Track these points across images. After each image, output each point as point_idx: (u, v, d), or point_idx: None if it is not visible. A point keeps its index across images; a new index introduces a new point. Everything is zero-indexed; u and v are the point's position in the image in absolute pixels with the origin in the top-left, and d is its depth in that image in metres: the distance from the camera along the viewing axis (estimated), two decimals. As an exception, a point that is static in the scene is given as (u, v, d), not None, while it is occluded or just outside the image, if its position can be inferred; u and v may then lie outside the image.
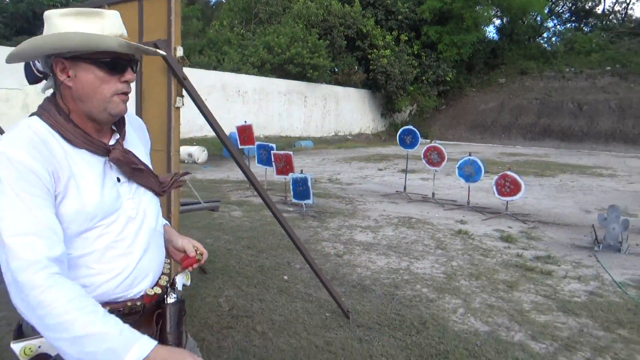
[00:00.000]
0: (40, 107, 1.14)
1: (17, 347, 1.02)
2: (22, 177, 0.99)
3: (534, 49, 31.72)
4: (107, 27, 1.09)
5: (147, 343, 0.98)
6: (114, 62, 1.10)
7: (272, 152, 7.55)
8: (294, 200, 6.82)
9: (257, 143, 8.14)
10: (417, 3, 25.67)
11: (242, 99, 18.08)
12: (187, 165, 12.98)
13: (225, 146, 2.74)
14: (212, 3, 32.05)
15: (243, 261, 4.66)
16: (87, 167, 1.11)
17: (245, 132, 8.30)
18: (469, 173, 7.24)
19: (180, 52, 2.49)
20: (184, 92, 2.65)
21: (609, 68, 28.36)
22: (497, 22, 33.89)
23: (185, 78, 2.55)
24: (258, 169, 7.49)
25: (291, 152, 7.41)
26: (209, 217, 6.45)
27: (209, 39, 20.17)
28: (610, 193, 9.11)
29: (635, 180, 10.94)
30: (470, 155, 7.30)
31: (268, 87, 19.17)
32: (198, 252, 1.35)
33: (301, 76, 20.22)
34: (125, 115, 1.23)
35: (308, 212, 6.75)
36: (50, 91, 1.17)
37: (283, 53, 19.04)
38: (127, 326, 0.99)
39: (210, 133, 15.79)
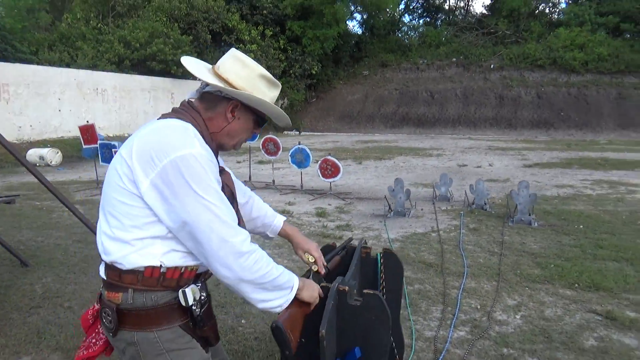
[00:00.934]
0: (189, 115, 1.40)
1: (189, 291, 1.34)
2: (211, 170, 1.31)
3: (392, 42, 34.37)
4: (276, 96, 1.51)
5: (296, 276, 1.46)
6: (264, 121, 1.53)
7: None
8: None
9: (99, 142, 8.30)
10: (280, -2, 26.63)
11: (101, 97, 17.50)
12: (40, 168, 12.44)
13: (9, 150, 3.15)
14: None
15: (69, 253, 5.01)
16: None
17: (88, 131, 8.40)
18: (300, 160, 8.17)
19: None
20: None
21: (454, 59, 31.79)
22: (359, 17, 36.28)
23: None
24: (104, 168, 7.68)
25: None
26: (46, 217, 6.60)
27: (60, 34, 19.08)
28: (429, 170, 10.72)
29: (455, 158, 12.90)
30: (299, 144, 8.23)
31: (130, 84, 18.75)
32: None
33: (165, 73, 20.05)
34: None
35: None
36: (190, 96, 1.49)
37: (143, 49, 18.72)
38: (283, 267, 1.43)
39: (68, 134, 15.20)
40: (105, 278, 1.36)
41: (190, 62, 1.45)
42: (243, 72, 1.42)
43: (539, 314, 3.43)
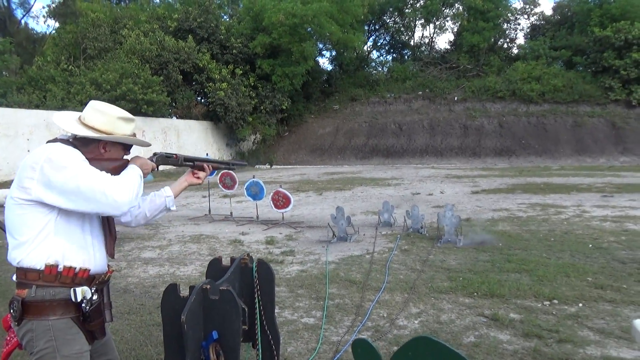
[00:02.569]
0: (62, 141, 1.86)
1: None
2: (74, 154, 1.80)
3: (361, 77, 35.67)
4: (133, 127, 2.01)
5: (133, 164, 1.98)
6: (130, 146, 2.03)
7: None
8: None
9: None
10: (250, 38, 27.57)
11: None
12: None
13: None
14: (35, 37, 30.49)
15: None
16: None
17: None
18: (255, 192, 8.68)
19: None
20: None
21: (420, 93, 33.11)
22: (328, 54, 37.64)
23: None
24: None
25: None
26: (4, 254, 6.90)
27: (29, 77, 19.51)
28: (383, 198, 11.27)
29: (411, 187, 13.59)
30: (254, 177, 8.75)
31: (100, 124, 19.11)
32: None
33: (135, 112, 20.53)
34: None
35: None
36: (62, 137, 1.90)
37: (113, 89, 19.24)
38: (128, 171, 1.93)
39: None
40: (15, 280, 1.83)
41: (60, 119, 1.90)
42: (104, 119, 1.89)
43: (435, 319, 3.94)
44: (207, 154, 10.21)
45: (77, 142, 1.89)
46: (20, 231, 1.77)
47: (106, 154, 1.93)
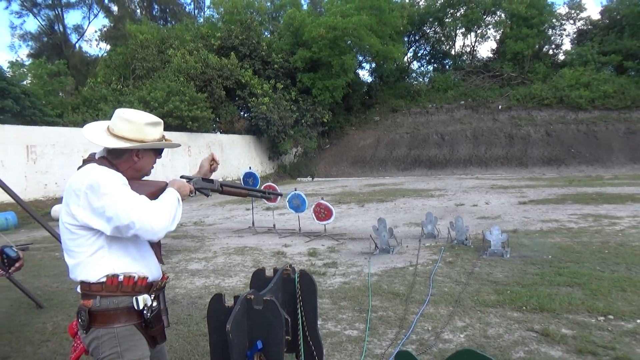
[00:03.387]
0: (96, 161, 1.92)
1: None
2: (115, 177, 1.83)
3: (401, 88, 35.50)
4: (162, 130, 2.04)
5: (170, 188, 2.00)
6: (162, 151, 2.07)
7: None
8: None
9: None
10: (290, 53, 28.07)
11: (121, 153, 18.58)
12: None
13: (22, 207, 3.81)
14: (88, 59, 32.18)
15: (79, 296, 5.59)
16: None
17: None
18: (297, 205, 8.75)
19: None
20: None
21: (462, 102, 32.60)
22: (367, 66, 37.72)
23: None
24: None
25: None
26: (63, 266, 7.24)
27: (83, 97, 20.58)
28: (426, 209, 11.13)
29: (455, 198, 13.31)
30: (295, 190, 8.83)
31: (148, 140, 19.86)
32: None
33: (181, 128, 21.23)
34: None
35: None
36: (99, 154, 1.97)
37: (160, 107, 19.98)
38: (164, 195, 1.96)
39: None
40: (80, 292, 1.92)
41: (90, 133, 1.93)
42: (132, 127, 1.92)
43: (482, 333, 3.84)
44: (249, 168, 10.43)
45: (110, 155, 1.95)
46: (76, 253, 1.86)
47: (140, 161, 1.98)
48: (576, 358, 3.31)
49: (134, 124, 1.93)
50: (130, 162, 1.96)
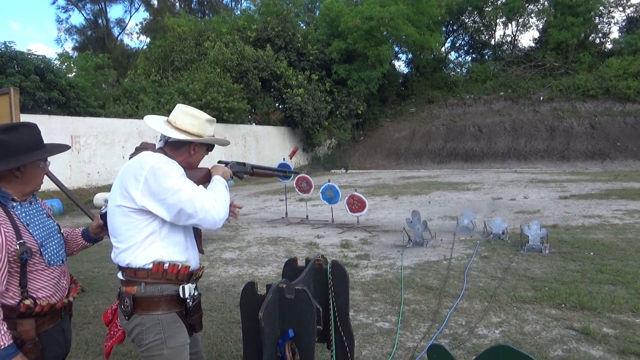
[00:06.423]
0: (151, 150, 1.99)
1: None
2: (175, 167, 1.88)
3: (438, 79, 34.81)
4: (215, 128, 2.11)
5: (217, 175, 2.08)
6: (213, 147, 2.13)
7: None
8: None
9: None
10: (326, 44, 27.96)
11: (160, 144, 19.05)
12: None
13: (66, 194, 3.95)
14: (129, 52, 33.02)
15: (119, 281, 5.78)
16: None
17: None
18: (330, 196, 8.75)
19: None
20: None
21: (502, 93, 31.70)
22: (404, 56, 37.14)
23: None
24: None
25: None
26: (104, 252, 7.50)
27: (124, 89, 21.15)
28: (461, 203, 10.94)
29: (492, 191, 13.00)
30: (329, 181, 8.82)
31: (186, 131, 20.26)
32: None
33: (218, 119, 21.52)
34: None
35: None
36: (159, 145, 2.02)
37: (199, 99, 20.33)
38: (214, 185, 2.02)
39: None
40: (123, 278, 1.94)
41: (153, 123, 2.02)
42: (195, 122, 2.00)
43: (518, 329, 3.74)
44: (283, 159, 10.47)
45: (168, 147, 2.00)
46: (127, 237, 1.89)
47: (194, 155, 2.04)
48: (618, 358, 3.18)
49: (197, 119, 2.01)
50: (186, 155, 2.01)
